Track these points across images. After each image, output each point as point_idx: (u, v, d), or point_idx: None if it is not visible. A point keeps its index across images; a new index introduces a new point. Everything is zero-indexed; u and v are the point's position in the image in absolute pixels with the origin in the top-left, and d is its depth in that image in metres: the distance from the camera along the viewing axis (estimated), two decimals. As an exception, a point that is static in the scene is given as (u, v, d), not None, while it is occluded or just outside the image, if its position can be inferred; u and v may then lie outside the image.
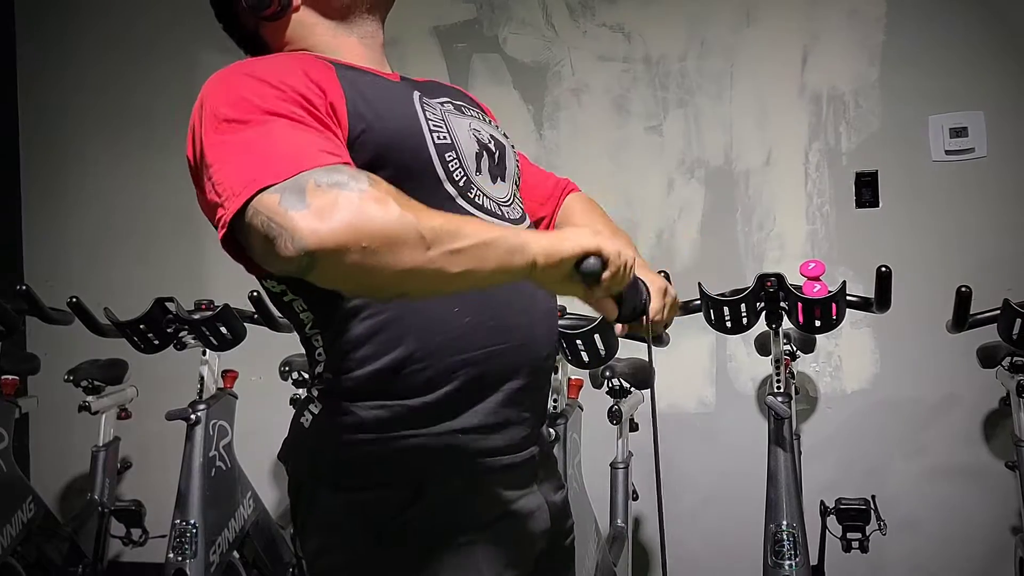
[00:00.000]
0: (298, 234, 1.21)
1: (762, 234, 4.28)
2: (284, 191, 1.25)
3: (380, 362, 1.52)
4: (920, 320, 3.87)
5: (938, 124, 4.08)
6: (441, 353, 1.54)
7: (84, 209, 5.03)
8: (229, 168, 1.34)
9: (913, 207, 4.11)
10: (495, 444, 1.59)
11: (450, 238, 1.28)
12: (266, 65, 1.51)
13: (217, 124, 1.39)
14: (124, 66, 5.00)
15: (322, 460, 1.58)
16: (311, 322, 1.60)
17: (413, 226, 1.25)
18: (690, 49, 4.38)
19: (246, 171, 1.31)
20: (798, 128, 4.25)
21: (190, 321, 3.42)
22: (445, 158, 1.58)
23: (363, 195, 1.24)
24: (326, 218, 1.21)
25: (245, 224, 1.29)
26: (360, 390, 1.54)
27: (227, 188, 1.32)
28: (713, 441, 4.30)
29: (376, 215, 1.23)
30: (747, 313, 2.92)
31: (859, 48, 4.19)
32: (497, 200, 1.66)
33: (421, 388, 1.53)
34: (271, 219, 1.24)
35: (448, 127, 1.62)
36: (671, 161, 4.39)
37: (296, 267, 1.24)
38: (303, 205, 1.23)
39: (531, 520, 1.65)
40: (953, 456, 4.05)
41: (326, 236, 1.20)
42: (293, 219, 1.22)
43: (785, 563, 2.83)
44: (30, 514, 3.77)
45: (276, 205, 1.24)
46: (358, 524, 1.54)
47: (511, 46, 4.57)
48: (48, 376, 4.32)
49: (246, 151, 1.35)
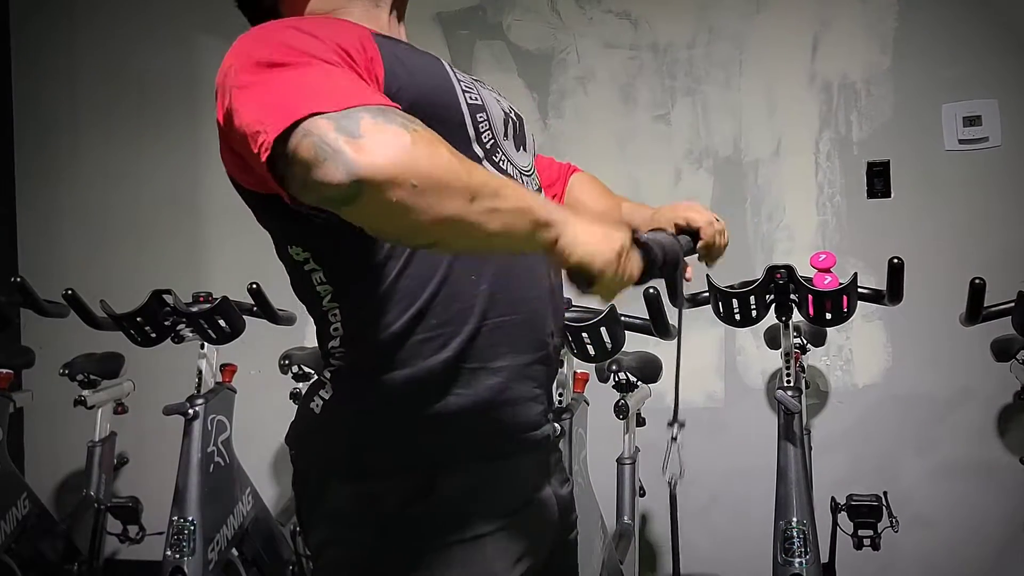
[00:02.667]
0: (351, 159, 1.20)
1: (772, 225, 4.27)
2: (338, 119, 1.24)
3: (398, 325, 1.52)
4: (933, 313, 3.86)
5: (951, 113, 4.08)
6: (458, 320, 1.55)
7: (80, 200, 5.03)
8: (273, 98, 1.32)
9: (926, 197, 4.10)
10: (508, 419, 1.61)
11: (493, 195, 1.30)
12: (310, 21, 1.52)
13: (256, 67, 1.37)
14: (121, 53, 5.00)
15: (333, 448, 1.58)
16: (329, 294, 1.59)
17: (461, 176, 1.27)
18: (698, 36, 4.38)
19: (294, 100, 1.29)
20: (808, 117, 4.24)
21: (188, 314, 3.42)
22: (476, 118, 1.60)
23: (417, 136, 1.25)
24: (380, 149, 1.21)
25: (288, 149, 1.26)
26: (376, 357, 1.54)
27: (271, 113, 1.29)
28: (722, 436, 4.30)
29: (428, 156, 1.24)
30: (756, 306, 2.92)
31: (871, 35, 4.18)
32: (520, 168, 1.69)
33: (435, 351, 1.53)
34: (323, 142, 1.22)
35: (478, 91, 1.64)
36: (679, 151, 4.39)
37: (341, 194, 1.22)
38: (358, 133, 1.22)
39: (541, 513, 1.67)
40: (967, 451, 4.05)
41: (378, 167, 1.20)
42: (345, 145, 1.21)
43: (795, 561, 2.83)
44: (24, 511, 3.78)
45: (330, 129, 1.23)
46: (367, 517, 1.54)
47: (515, 33, 4.56)
48: (43, 370, 4.32)
49: (292, 85, 1.33)
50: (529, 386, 1.64)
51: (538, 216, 1.36)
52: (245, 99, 1.35)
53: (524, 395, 1.63)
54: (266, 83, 1.34)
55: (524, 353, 1.63)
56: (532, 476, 1.66)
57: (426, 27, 4.54)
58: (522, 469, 1.64)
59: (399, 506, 1.53)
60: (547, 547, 1.69)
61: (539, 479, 1.68)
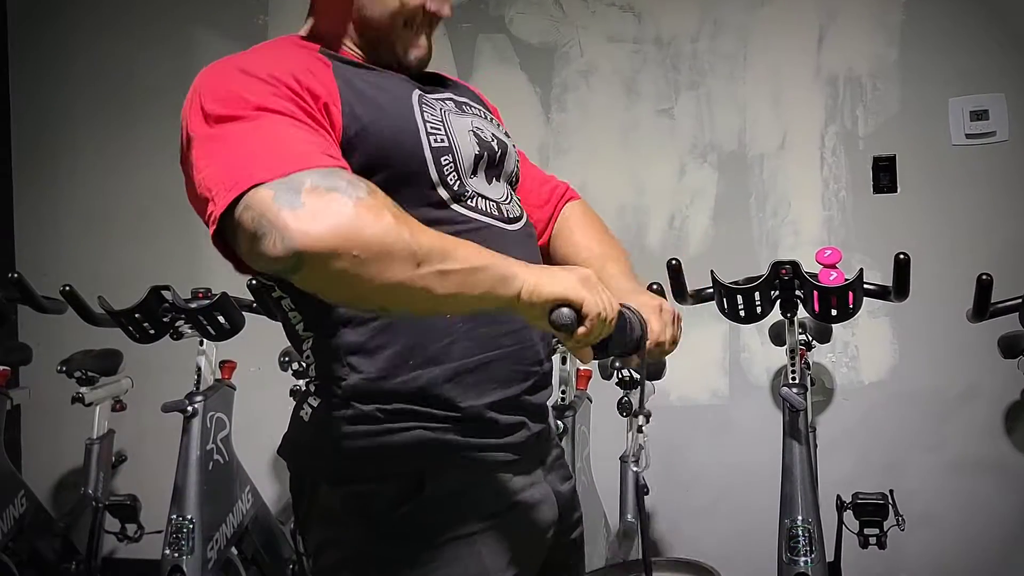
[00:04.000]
0: (288, 233, 1.22)
1: (776, 220, 4.27)
2: (279, 188, 1.26)
3: (372, 369, 1.55)
4: (940, 309, 3.86)
5: (958, 107, 4.07)
6: (435, 361, 1.55)
7: (78, 195, 5.03)
8: (219, 163, 1.35)
9: (932, 192, 4.10)
10: (494, 442, 1.61)
11: (441, 258, 1.30)
12: (258, 59, 1.51)
13: (206, 120, 1.40)
14: (117, 48, 5.00)
15: (322, 454, 1.60)
16: (300, 323, 1.62)
17: (406, 241, 1.27)
18: (703, 29, 4.37)
19: (239, 166, 1.31)
20: (814, 111, 4.24)
21: (187, 310, 3.42)
22: (441, 162, 1.58)
23: (359, 203, 1.25)
24: (319, 220, 1.23)
25: (234, 220, 1.29)
26: (353, 394, 1.55)
27: (218, 183, 1.32)
28: (726, 434, 4.30)
29: (370, 225, 1.25)
30: (761, 302, 2.91)
31: (877, 28, 4.17)
32: (495, 200, 1.67)
33: (415, 394, 1.55)
34: (263, 215, 1.25)
35: (447, 128, 1.62)
36: (683, 145, 4.38)
37: (283, 267, 1.25)
38: (298, 204, 1.24)
39: (537, 511, 1.67)
40: (974, 449, 4.05)
41: (317, 239, 1.21)
42: (285, 218, 1.23)
43: (800, 559, 2.83)
44: (22, 509, 3.78)
45: (270, 201, 1.25)
46: (359, 518, 1.56)
47: (518, 26, 4.56)
48: (40, 367, 4.33)
49: (238, 146, 1.35)
50: (513, 416, 1.64)
51: (496, 272, 1.35)
52: (199, 156, 1.39)
53: (509, 423, 1.63)
54: (213, 140, 1.38)
55: (511, 386, 1.63)
56: (522, 475, 1.66)
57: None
58: (507, 473, 1.64)
59: (389, 507, 1.54)
60: (545, 546, 1.69)
61: (531, 477, 1.68)
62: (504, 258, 1.40)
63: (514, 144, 1.82)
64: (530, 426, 1.68)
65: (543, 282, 1.38)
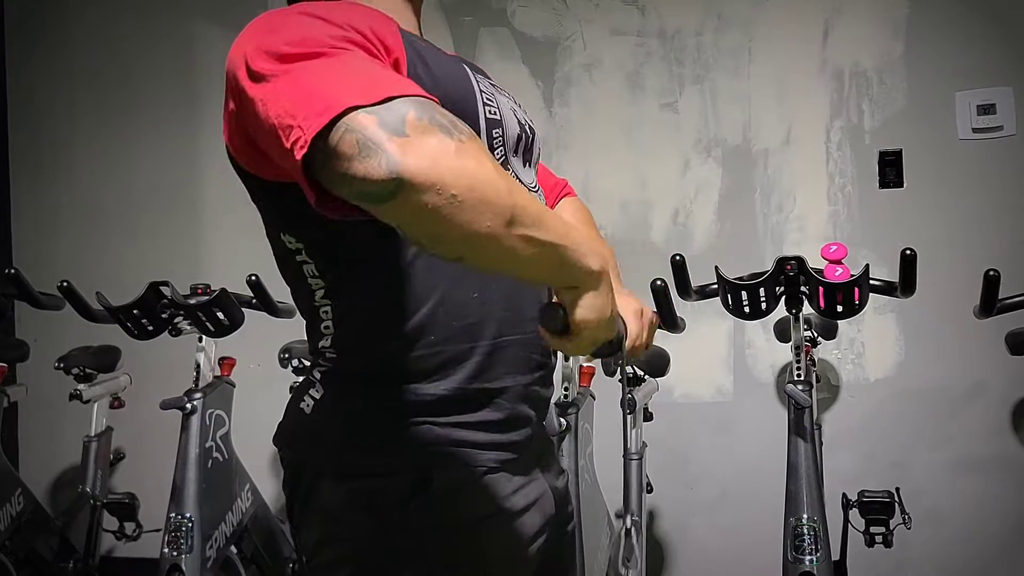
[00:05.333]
0: (395, 157, 1.17)
1: (782, 216, 4.27)
2: (381, 113, 1.20)
3: (393, 340, 1.53)
4: (946, 305, 3.86)
5: (965, 101, 4.07)
6: (457, 338, 1.54)
7: (76, 189, 5.03)
8: (303, 91, 1.27)
9: (939, 187, 4.10)
10: (500, 440, 1.60)
11: (532, 223, 1.26)
12: (327, 7, 1.45)
13: (278, 58, 1.32)
14: (116, 42, 5.00)
15: (325, 448, 1.58)
16: (322, 289, 1.57)
17: (503, 196, 1.23)
18: (707, 23, 4.37)
19: (329, 92, 1.25)
20: (819, 105, 4.24)
21: (186, 306, 3.42)
22: (492, 134, 1.58)
23: (464, 145, 1.22)
24: (425, 152, 1.18)
25: (327, 144, 1.22)
26: (367, 370, 1.55)
27: (305, 108, 1.25)
28: (730, 431, 4.30)
29: (474, 169, 1.21)
30: (766, 298, 2.91)
31: (883, 22, 4.17)
32: (527, 185, 1.66)
33: (432, 372, 1.53)
34: (367, 136, 1.19)
35: (497, 103, 1.62)
36: (687, 140, 4.38)
37: (379, 190, 1.19)
38: (403, 132, 1.19)
39: (537, 507, 1.67)
40: (981, 447, 4.05)
41: (422, 168, 1.17)
42: (392, 141, 1.18)
43: (806, 558, 2.83)
44: (19, 507, 3.78)
45: (374, 125, 1.19)
46: (364, 514, 1.54)
47: (520, 19, 4.56)
48: (38, 363, 4.33)
49: (324, 76, 1.29)
50: (524, 407, 1.65)
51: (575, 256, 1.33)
52: (269, 92, 1.30)
53: (519, 415, 1.63)
54: (291, 74, 1.30)
55: (524, 374, 1.63)
56: (521, 473, 1.66)
57: (429, 13, 4.48)
58: (513, 469, 1.63)
59: (397, 501, 1.53)
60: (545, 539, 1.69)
61: (531, 475, 1.68)
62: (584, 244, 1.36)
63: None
64: (533, 423, 1.68)
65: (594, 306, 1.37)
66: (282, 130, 1.26)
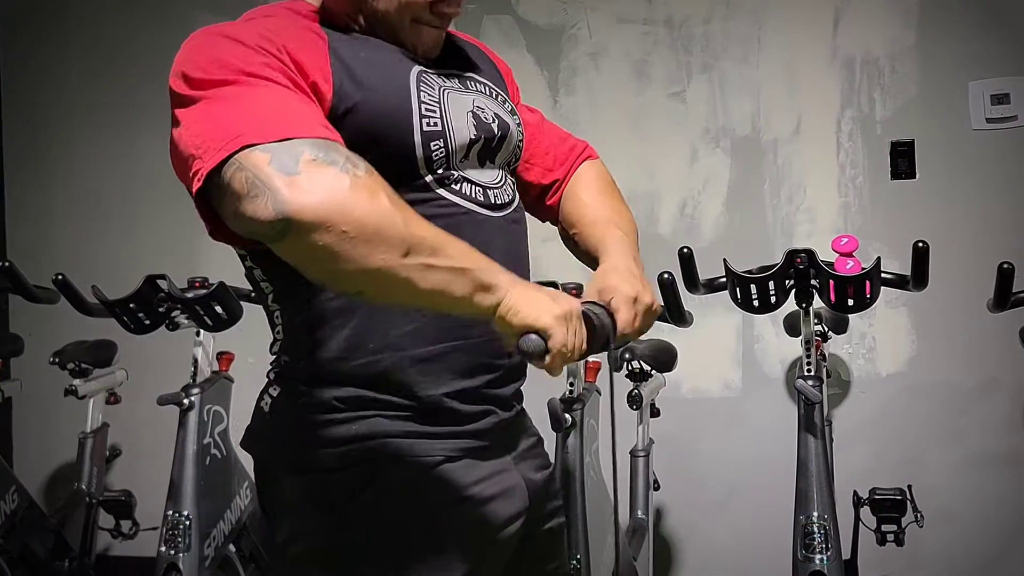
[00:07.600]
0: (282, 197, 1.23)
1: (791, 207, 4.27)
2: (275, 152, 1.26)
3: (335, 347, 1.57)
4: (959, 299, 3.86)
5: (978, 90, 4.06)
6: (397, 346, 1.57)
7: (71, 181, 5.03)
8: (209, 122, 1.35)
9: (952, 178, 4.09)
10: (458, 429, 1.63)
11: (430, 252, 1.31)
12: (248, 27, 1.51)
13: (192, 84, 1.41)
14: (112, 34, 4.99)
15: (280, 444, 1.63)
16: (272, 294, 1.64)
17: (398, 227, 1.28)
18: (715, 10, 4.36)
19: (231, 127, 1.32)
20: (830, 95, 4.23)
21: (183, 300, 3.41)
22: (430, 146, 1.58)
23: (356, 181, 1.27)
24: (314, 191, 1.24)
25: (221, 179, 1.29)
26: (312, 373, 1.59)
27: (207, 141, 1.33)
28: (739, 427, 4.30)
29: (365, 204, 1.26)
30: (776, 291, 2.90)
31: (895, 9, 4.16)
32: (484, 184, 1.67)
33: (375, 378, 1.56)
34: (256, 176, 1.25)
35: (443, 110, 1.62)
36: (695, 130, 4.38)
37: (269, 231, 1.25)
38: (294, 171, 1.24)
39: (504, 499, 1.67)
40: (993, 443, 4.05)
41: (309, 207, 1.22)
42: (280, 181, 1.23)
43: (816, 557, 2.83)
44: (13, 505, 3.78)
45: (265, 164, 1.25)
46: (321, 508, 1.58)
47: (525, 7, 4.55)
48: (32, 358, 4.32)
49: (230, 108, 1.35)
50: (477, 406, 1.65)
51: (479, 278, 1.36)
52: (185, 116, 1.40)
53: (471, 413, 1.64)
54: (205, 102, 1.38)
55: (473, 377, 1.64)
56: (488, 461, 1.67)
57: (431, 1, 4.52)
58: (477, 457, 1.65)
59: (349, 496, 1.56)
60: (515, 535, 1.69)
61: (498, 464, 1.69)
62: (492, 265, 1.41)
63: (519, 123, 1.82)
64: (498, 413, 1.69)
65: (521, 304, 1.39)
66: (188, 158, 1.36)
